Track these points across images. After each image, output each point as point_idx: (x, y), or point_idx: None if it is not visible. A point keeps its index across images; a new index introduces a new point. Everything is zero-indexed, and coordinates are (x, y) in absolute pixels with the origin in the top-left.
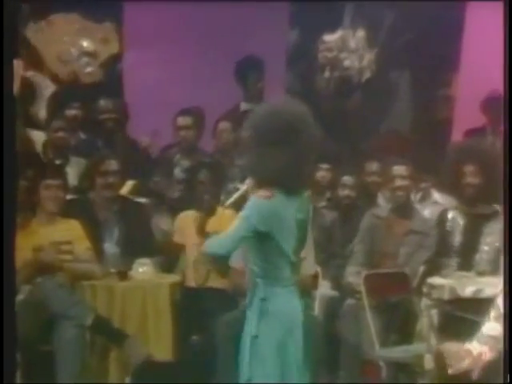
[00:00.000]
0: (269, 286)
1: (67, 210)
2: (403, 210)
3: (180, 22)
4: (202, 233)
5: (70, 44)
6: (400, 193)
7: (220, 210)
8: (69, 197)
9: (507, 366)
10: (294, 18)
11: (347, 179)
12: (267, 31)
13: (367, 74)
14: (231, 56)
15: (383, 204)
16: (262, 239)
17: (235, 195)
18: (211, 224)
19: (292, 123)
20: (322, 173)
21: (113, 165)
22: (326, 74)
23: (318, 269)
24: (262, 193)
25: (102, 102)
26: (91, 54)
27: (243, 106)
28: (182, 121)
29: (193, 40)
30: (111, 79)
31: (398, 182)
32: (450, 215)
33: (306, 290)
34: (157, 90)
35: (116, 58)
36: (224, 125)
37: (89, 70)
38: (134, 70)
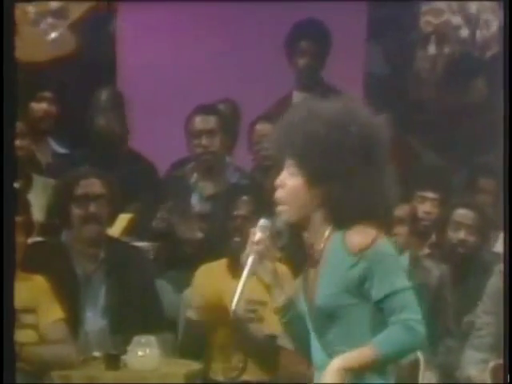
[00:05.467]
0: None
1: (29, 261)
2: None
3: None
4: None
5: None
6: None
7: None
8: (31, 240)
9: (507, 366)
10: None
11: (464, 214)
12: None
13: (494, 50)
14: (283, 28)
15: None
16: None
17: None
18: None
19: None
20: (426, 205)
21: (95, 186)
22: (431, 49)
23: (419, 353)
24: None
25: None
26: (58, 12)
27: (296, 96)
28: (202, 122)
29: None
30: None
31: None
32: None
33: None
34: (164, 73)
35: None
36: (264, 127)
37: (54, 35)
38: (129, 42)
